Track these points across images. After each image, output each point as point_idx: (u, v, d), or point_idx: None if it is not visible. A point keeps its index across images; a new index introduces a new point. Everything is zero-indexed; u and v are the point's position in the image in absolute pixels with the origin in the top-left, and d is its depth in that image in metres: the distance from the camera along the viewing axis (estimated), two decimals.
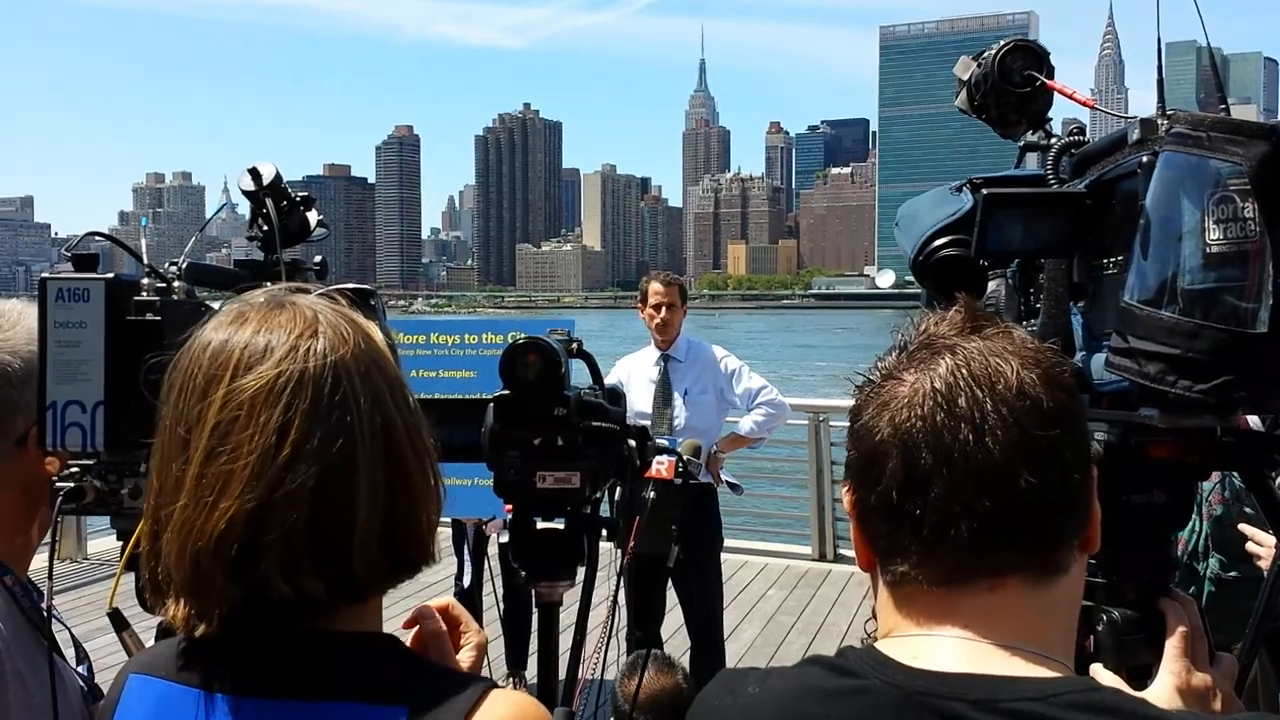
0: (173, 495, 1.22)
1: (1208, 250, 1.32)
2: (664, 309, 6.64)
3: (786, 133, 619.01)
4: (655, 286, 6.74)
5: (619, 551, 2.10)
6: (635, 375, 6.69)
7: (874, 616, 2.03)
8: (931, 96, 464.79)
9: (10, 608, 1.76)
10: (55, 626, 1.79)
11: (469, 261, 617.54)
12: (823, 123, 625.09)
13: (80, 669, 1.89)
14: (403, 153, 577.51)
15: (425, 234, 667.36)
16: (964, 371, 1.15)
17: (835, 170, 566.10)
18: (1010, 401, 1.13)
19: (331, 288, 1.37)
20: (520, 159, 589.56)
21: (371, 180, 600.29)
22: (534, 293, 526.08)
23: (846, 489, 1.25)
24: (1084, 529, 1.20)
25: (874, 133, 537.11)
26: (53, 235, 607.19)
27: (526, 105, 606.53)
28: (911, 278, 1.85)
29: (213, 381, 1.21)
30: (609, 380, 2.02)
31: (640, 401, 6.54)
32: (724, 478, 6.70)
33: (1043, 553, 1.17)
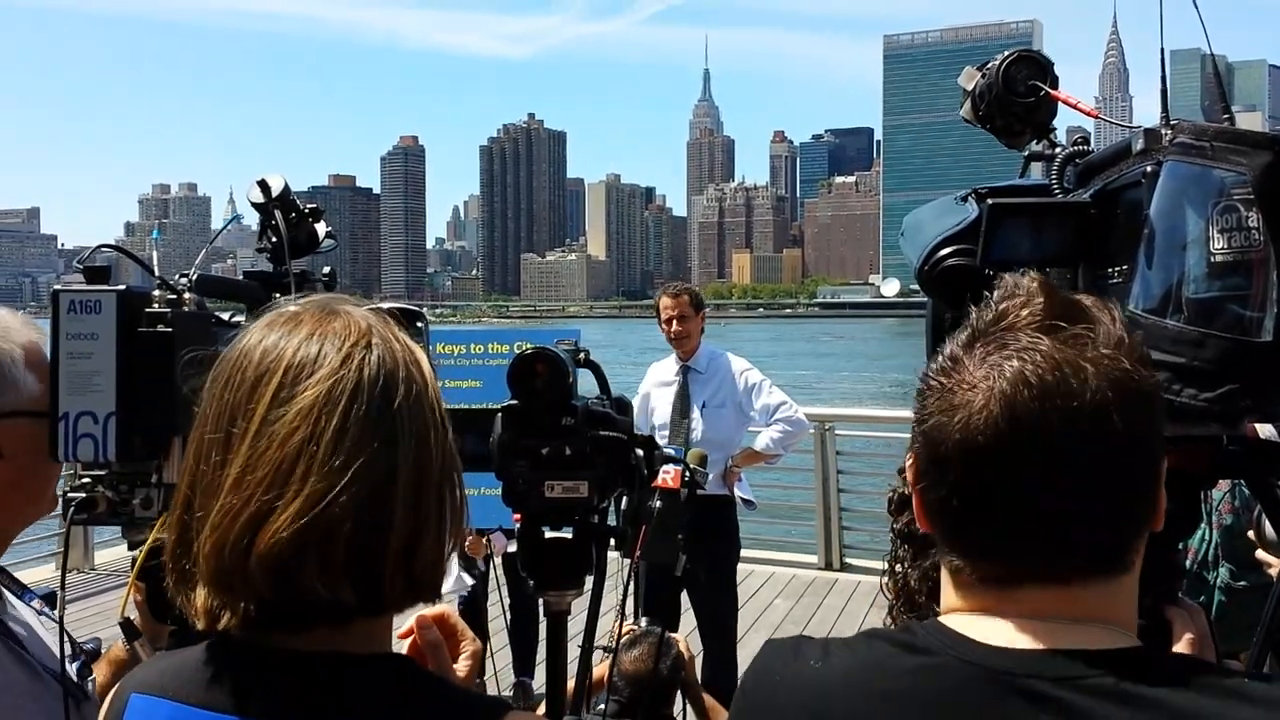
0: (210, 491, 1.21)
1: (1212, 259, 1.33)
2: (675, 321, 6.64)
3: (791, 142, 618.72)
4: (665, 300, 6.75)
5: (626, 561, 2.10)
6: (657, 386, 6.72)
7: (890, 616, 2.03)
8: (935, 105, 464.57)
9: None
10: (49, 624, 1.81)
11: (474, 271, 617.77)
12: (827, 132, 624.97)
13: (73, 665, 1.86)
14: (407, 163, 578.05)
15: (430, 244, 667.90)
16: (1035, 385, 1.11)
17: (840, 179, 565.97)
18: (1080, 424, 1.10)
19: (377, 304, 1.37)
20: (525, 169, 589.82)
21: (376, 190, 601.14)
22: (539, 302, 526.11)
23: (911, 462, 1.23)
24: (1150, 527, 1.19)
25: (878, 141, 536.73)
26: (59, 246, 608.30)
27: (531, 115, 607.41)
28: (917, 286, 1.86)
29: (262, 379, 1.21)
30: (640, 389, 2.03)
31: (660, 412, 6.55)
32: (738, 493, 6.69)
33: (1104, 565, 1.16)
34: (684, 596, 6.68)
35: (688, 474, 2.15)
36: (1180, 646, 1.52)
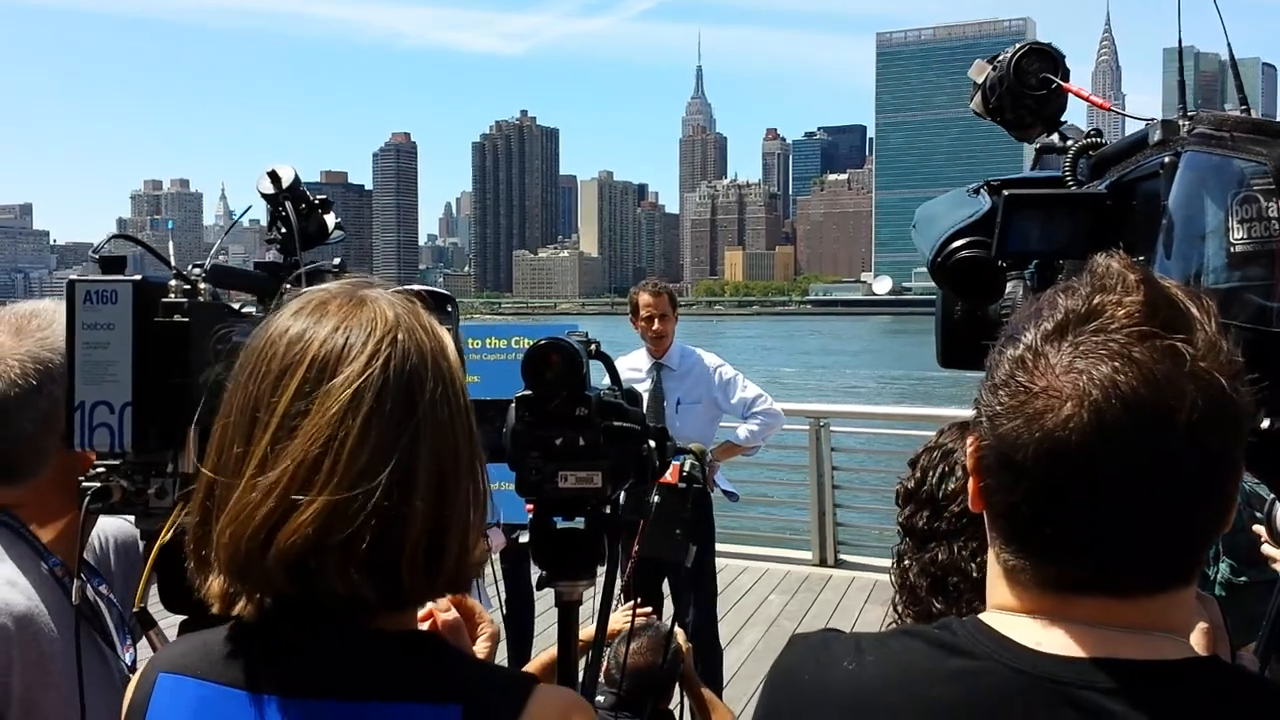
0: (231, 478, 1.21)
1: (1231, 250, 1.31)
2: (656, 320, 6.56)
3: (783, 139, 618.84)
4: (645, 298, 6.65)
5: (626, 556, 2.10)
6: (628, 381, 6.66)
7: (895, 616, 2.04)
8: (928, 103, 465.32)
9: (58, 595, 1.83)
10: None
11: (466, 268, 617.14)
12: (819, 129, 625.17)
13: (127, 656, 1.95)
14: (400, 160, 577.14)
15: (422, 240, 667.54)
16: (1129, 399, 1.04)
17: (832, 177, 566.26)
18: (1173, 444, 1.04)
19: (409, 288, 1.36)
20: (517, 165, 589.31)
21: (369, 187, 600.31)
22: (531, 299, 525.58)
23: (973, 449, 1.17)
24: (1220, 534, 1.14)
25: (871, 139, 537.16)
26: (51, 242, 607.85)
27: (523, 112, 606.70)
28: (908, 284, 1.85)
29: (287, 371, 1.21)
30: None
31: None
32: (720, 485, 6.68)
33: (1176, 577, 1.13)
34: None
35: (686, 469, 2.16)
36: (1194, 637, 1.51)
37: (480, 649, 1.51)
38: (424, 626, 1.45)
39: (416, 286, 1.42)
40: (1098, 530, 1.08)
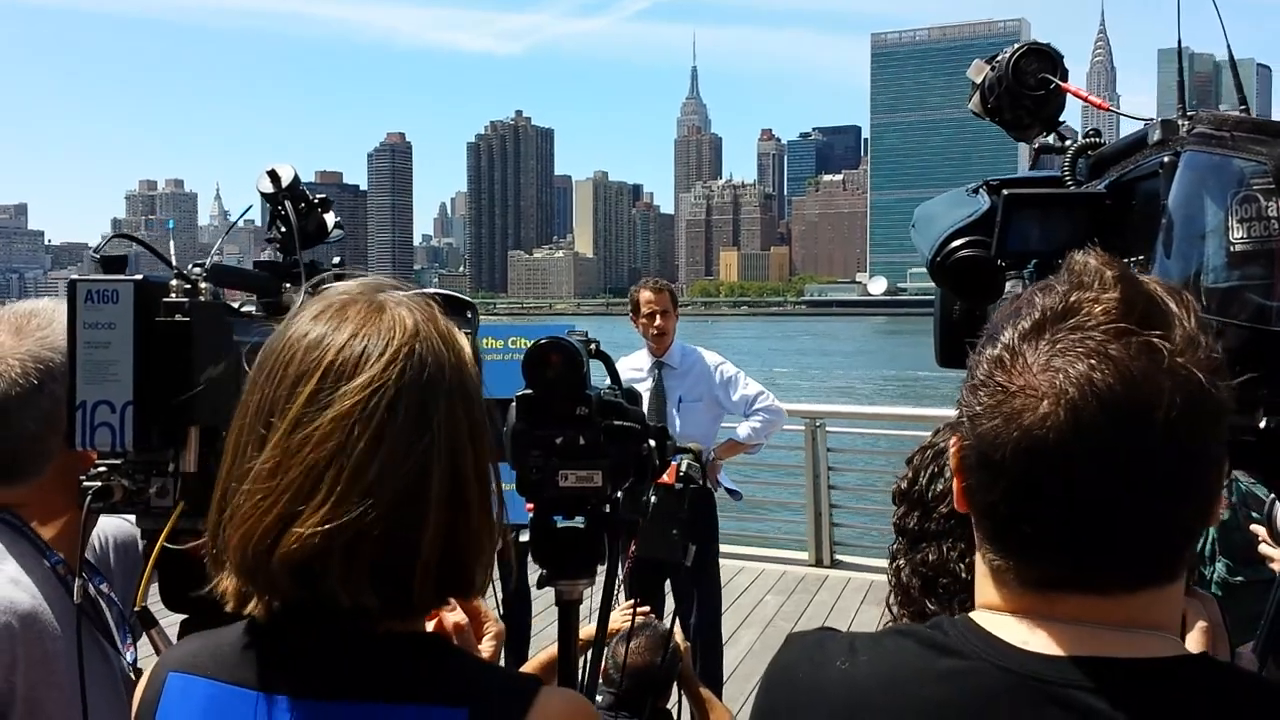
0: (243, 480, 1.21)
1: (1231, 249, 1.31)
2: (658, 316, 6.58)
3: (778, 140, 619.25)
4: (646, 295, 6.67)
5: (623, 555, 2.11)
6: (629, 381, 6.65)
7: (891, 616, 2.04)
8: (923, 103, 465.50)
9: (60, 593, 1.85)
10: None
11: (461, 268, 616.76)
12: (814, 130, 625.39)
13: (128, 655, 1.97)
14: (395, 160, 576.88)
15: (417, 240, 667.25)
16: (1105, 395, 1.04)
17: (827, 177, 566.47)
18: (1150, 441, 1.04)
19: (429, 291, 1.36)
20: (512, 165, 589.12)
21: (363, 187, 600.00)
22: (526, 300, 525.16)
23: (955, 449, 1.18)
24: (1203, 530, 1.14)
25: (866, 140, 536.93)
26: (46, 242, 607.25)
27: (518, 112, 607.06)
28: (903, 284, 1.85)
29: (303, 378, 1.21)
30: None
31: None
32: (722, 484, 6.69)
33: (1160, 574, 1.12)
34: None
35: (683, 469, 2.16)
36: (1194, 635, 1.52)
37: (485, 649, 1.52)
38: (430, 625, 1.45)
39: (434, 290, 1.41)
40: (1074, 528, 1.08)
